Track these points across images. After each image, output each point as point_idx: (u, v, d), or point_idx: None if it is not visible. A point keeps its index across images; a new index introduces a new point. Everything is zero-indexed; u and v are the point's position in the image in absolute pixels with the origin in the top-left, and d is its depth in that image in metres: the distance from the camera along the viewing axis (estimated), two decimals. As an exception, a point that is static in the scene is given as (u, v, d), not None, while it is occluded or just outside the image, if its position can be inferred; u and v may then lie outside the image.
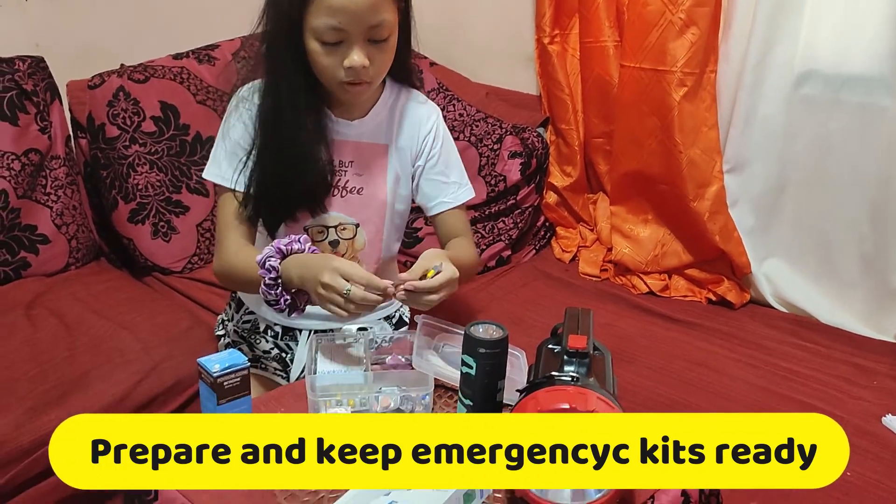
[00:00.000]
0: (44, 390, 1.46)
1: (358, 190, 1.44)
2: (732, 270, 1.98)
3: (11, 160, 1.83)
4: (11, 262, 1.83)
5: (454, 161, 1.50)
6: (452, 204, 1.48)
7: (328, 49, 1.25)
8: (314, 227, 1.44)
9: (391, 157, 1.45)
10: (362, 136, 1.43)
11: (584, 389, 0.97)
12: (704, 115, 1.88)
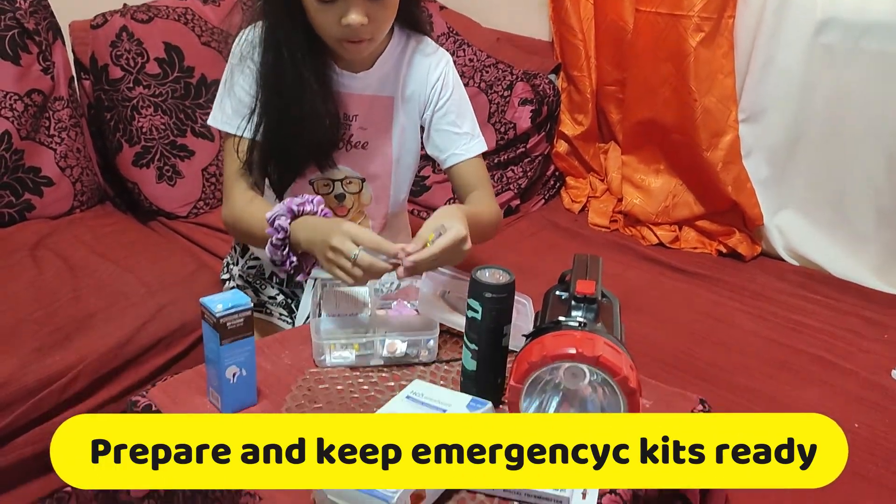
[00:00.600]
0: (48, 332, 1.45)
1: (363, 144, 1.40)
2: (744, 222, 1.95)
3: (14, 100, 1.80)
4: (16, 204, 1.82)
5: (466, 111, 1.44)
6: (465, 156, 1.41)
7: (324, 5, 1.20)
8: (320, 180, 1.41)
9: (397, 109, 1.41)
10: (367, 89, 1.38)
11: (592, 334, 0.96)
12: (721, 61, 1.83)
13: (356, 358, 1.16)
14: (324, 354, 1.15)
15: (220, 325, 0.99)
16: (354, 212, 1.44)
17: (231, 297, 1.01)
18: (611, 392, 0.95)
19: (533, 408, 0.98)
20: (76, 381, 1.40)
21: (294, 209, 1.20)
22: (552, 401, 0.99)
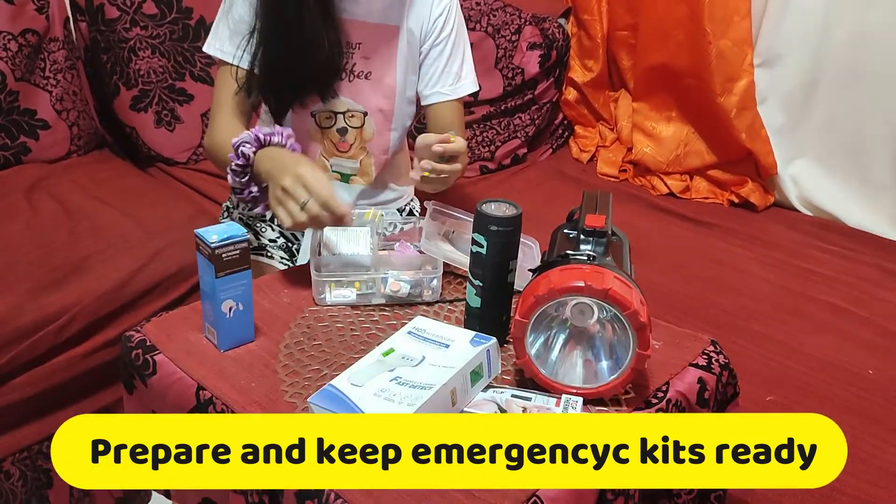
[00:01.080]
0: (44, 272, 1.43)
1: (366, 74, 1.36)
2: (757, 171, 1.90)
3: (8, 40, 1.76)
4: (11, 147, 1.78)
5: (463, 51, 1.40)
6: (450, 96, 1.38)
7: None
8: (322, 112, 1.38)
9: (402, 39, 1.36)
10: (371, 16, 1.34)
11: (601, 268, 0.92)
12: (737, 3, 1.77)
13: (357, 297, 1.12)
14: (324, 293, 1.12)
15: (216, 256, 0.96)
16: (356, 147, 1.40)
17: (227, 229, 0.98)
18: (620, 328, 0.91)
19: (538, 343, 0.94)
20: (72, 323, 1.38)
21: (261, 137, 1.17)
22: (558, 338, 0.96)
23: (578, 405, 0.91)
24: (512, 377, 1.00)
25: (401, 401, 0.84)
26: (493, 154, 2.02)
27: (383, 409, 0.83)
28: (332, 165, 1.43)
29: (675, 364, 1.03)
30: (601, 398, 0.94)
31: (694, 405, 1.00)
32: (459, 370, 0.89)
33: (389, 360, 0.92)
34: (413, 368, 0.90)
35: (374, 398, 0.85)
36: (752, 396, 1.22)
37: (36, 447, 1.40)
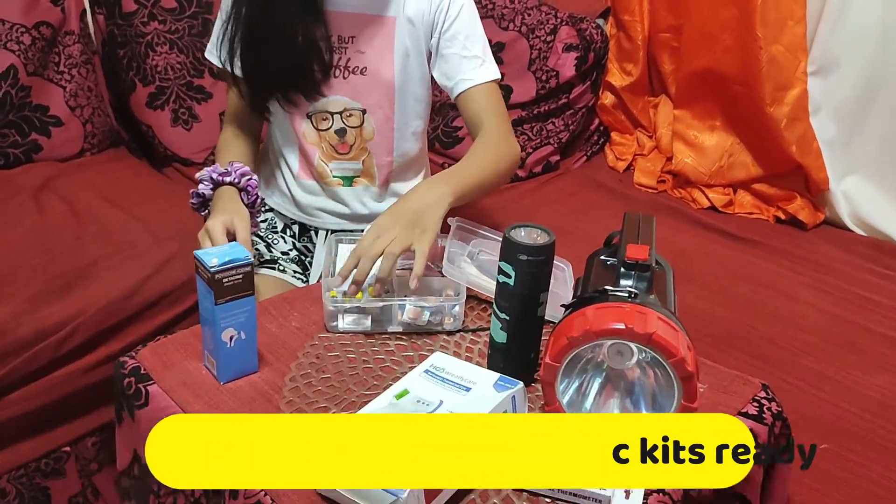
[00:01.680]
0: (46, 280, 1.37)
1: (361, 70, 1.28)
2: (807, 186, 1.79)
3: (21, 33, 1.70)
4: (21, 144, 1.72)
5: (476, 34, 1.30)
6: (475, 81, 1.26)
7: None
8: (317, 113, 1.31)
9: (399, 29, 1.27)
10: (364, 7, 1.25)
11: (644, 307, 0.81)
12: (791, 6, 1.66)
13: (372, 324, 1.03)
14: (335, 319, 1.03)
15: (216, 281, 0.87)
16: (357, 148, 1.33)
17: (229, 251, 0.89)
18: (664, 375, 0.82)
19: (571, 390, 0.85)
20: (74, 335, 1.32)
21: (215, 178, 1.20)
22: (594, 383, 0.86)
23: (614, 461, 0.81)
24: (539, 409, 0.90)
25: (414, 455, 0.75)
26: (523, 161, 1.92)
27: (394, 463, 0.74)
28: (333, 170, 1.35)
29: (723, 412, 0.93)
30: (640, 452, 0.84)
31: (743, 460, 0.90)
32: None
33: (403, 404, 0.83)
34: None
35: (385, 450, 0.76)
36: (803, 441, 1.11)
37: (34, 465, 1.35)
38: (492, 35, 1.95)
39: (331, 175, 1.36)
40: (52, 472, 1.37)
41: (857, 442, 1.12)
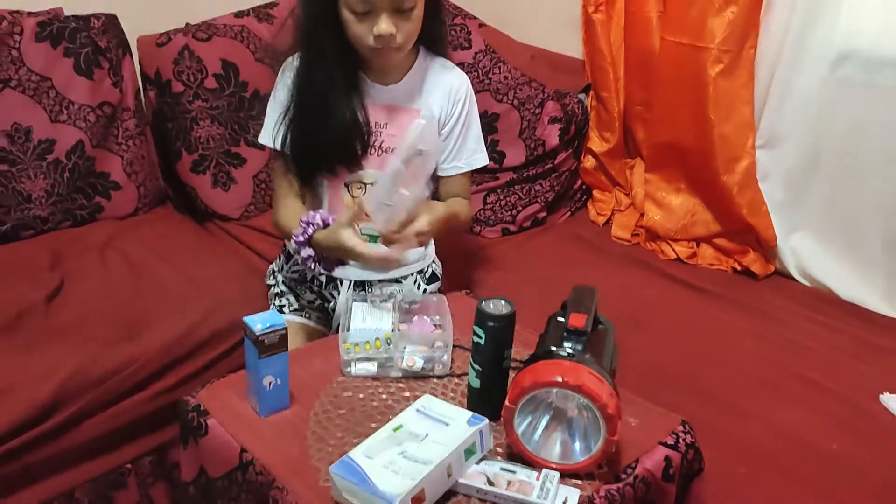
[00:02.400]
0: (114, 327, 1.61)
1: (392, 149, 1.57)
2: (758, 242, 2.04)
3: (87, 112, 1.99)
4: (87, 206, 2.01)
5: (475, 129, 1.63)
6: (465, 168, 1.62)
7: (359, 18, 1.40)
8: (353, 182, 1.59)
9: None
10: (396, 100, 1.56)
11: (578, 364, 1.09)
12: (740, 91, 1.92)
13: (378, 369, 1.31)
14: (349, 367, 1.31)
15: (259, 341, 1.16)
16: None
17: (269, 318, 1.18)
18: (593, 416, 1.09)
19: (525, 423, 1.12)
20: (137, 373, 1.56)
21: (302, 240, 1.46)
22: (543, 418, 1.13)
23: (556, 479, 1.09)
24: (504, 450, 1.17)
25: (405, 474, 1.02)
26: (514, 218, 2.20)
27: (390, 480, 1.01)
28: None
29: (646, 442, 1.19)
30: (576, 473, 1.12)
31: (659, 481, 1.17)
32: (455, 449, 1.07)
33: (398, 435, 1.10)
34: (418, 444, 1.09)
35: (384, 469, 1.03)
36: (725, 468, 1.37)
37: (102, 477, 1.58)
38: (488, 107, 2.25)
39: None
40: (116, 484, 1.60)
41: (768, 468, 1.37)
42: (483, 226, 2.20)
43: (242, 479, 1.14)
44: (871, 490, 1.34)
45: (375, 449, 1.07)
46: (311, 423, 1.20)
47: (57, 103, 1.96)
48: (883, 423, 1.50)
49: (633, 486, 1.13)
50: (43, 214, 1.93)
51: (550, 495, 1.06)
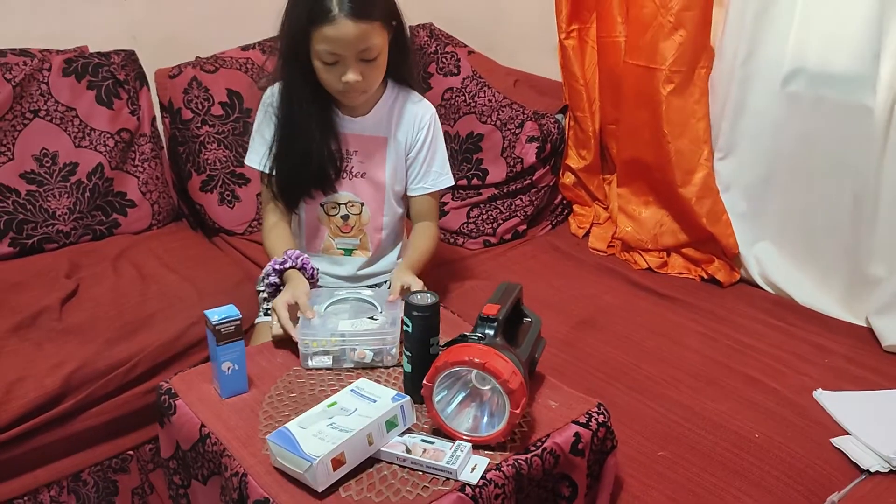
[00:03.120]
0: (118, 327, 1.81)
1: (362, 174, 1.74)
2: (722, 251, 2.14)
3: (107, 138, 2.22)
4: (105, 223, 2.23)
5: (440, 154, 1.78)
6: (430, 189, 1.77)
7: (328, 67, 1.57)
8: (328, 203, 1.76)
9: (390, 147, 1.74)
10: (365, 130, 1.73)
11: (487, 347, 1.23)
12: (693, 107, 2.04)
13: (333, 362, 1.47)
14: (307, 360, 1.47)
15: (217, 330, 1.33)
16: (356, 229, 1.79)
17: (226, 310, 1.35)
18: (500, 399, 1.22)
19: (440, 396, 1.25)
20: (136, 368, 1.74)
21: (277, 269, 1.60)
22: (458, 395, 1.27)
23: (467, 449, 1.23)
24: (430, 426, 1.32)
25: (329, 440, 1.18)
26: (495, 230, 2.35)
27: (316, 445, 1.17)
28: (338, 244, 1.81)
29: (560, 420, 1.32)
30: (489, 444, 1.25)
31: (568, 454, 1.29)
32: (375, 419, 1.22)
33: (331, 410, 1.26)
34: (346, 417, 1.24)
35: (312, 437, 1.19)
36: (647, 450, 1.49)
37: (107, 462, 1.77)
38: (473, 127, 2.42)
39: (335, 248, 1.83)
40: (119, 469, 1.78)
41: (688, 451, 1.47)
42: (466, 238, 2.36)
43: (202, 450, 1.31)
44: (786, 474, 1.43)
45: (309, 421, 1.23)
46: (264, 405, 1.36)
47: (80, 130, 2.20)
48: (812, 416, 1.59)
49: (540, 458, 1.26)
50: (65, 229, 2.16)
51: (460, 461, 1.20)
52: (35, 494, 1.69)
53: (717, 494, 1.38)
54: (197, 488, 1.38)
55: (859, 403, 1.61)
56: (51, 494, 1.71)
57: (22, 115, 2.13)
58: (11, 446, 1.61)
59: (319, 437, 1.19)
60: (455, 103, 2.46)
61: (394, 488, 1.18)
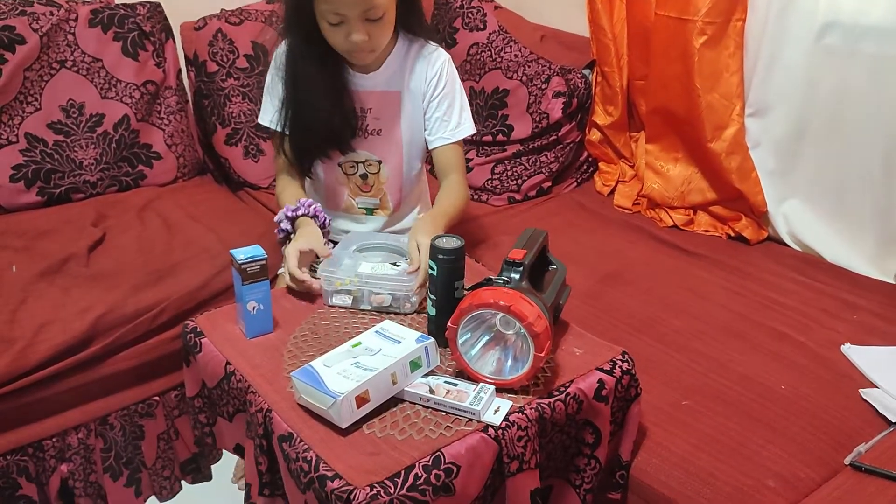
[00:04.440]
0: (145, 274, 1.83)
1: (378, 131, 1.72)
2: (750, 209, 2.11)
3: (132, 90, 2.23)
4: (132, 174, 2.25)
5: (458, 102, 1.73)
6: (450, 140, 1.72)
7: (333, 28, 1.54)
8: (346, 162, 1.75)
9: (405, 101, 1.72)
10: (377, 86, 1.70)
11: (512, 290, 1.22)
12: (727, 61, 2.00)
13: (352, 303, 1.47)
14: (329, 297, 1.48)
15: (242, 269, 1.34)
16: (376, 188, 1.77)
17: (251, 250, 1.36)
18: (525, 343, 1.22)
19: (464, 338, 1.25)
20: (163, 314, 1.77)
21: (290, 216, 1.59)
22: (483, 338, 1.27)
23: (490, 391, 1.23)
24: (454, 369, 1.32)
25: (354, 378, 1.18)
26: (519, 187, 2.34)
27: (340, 382, 1.17)
28: (359, 203, 1.80)
29: (584, 367, 1.32)
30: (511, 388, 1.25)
31: (592, 400, 1.29)
32: (399, 359, 1.22)
33: (356, 350, 1.26)
34: (371, 357, 1.24)
35: (337, 375, 1.19)
36: (671, 400, 1.48)
37: (133, 407, 1.80)
38: (499, 83, 2.39)
39: (356, 207, 1.82)
40: (146, 414, 1.81)
41: (712, 401, 1.46)
42: (490, 194, 2.34)
43: (228, 387, 1.33)
44: (812, 425, 1.42)
45: (333, 359, 1.24)
46: (289, 344, 1.37)
47: (106, 82, 2.20)
48: (840, 370, 1.57)
49: (563, 402, 1.26)
50: (92, 179, 2.18)
51: (483, 403, 1.20)
52: (63, 436, 1.72)
53: (741, 443, 1.37)
54: (223, 425, 1.39)
55: (888, 357, 1.59)
56: (78, 437, 1.74)
57: (49, 66, 2.14)
58: (40, 388, 1.64)
59: (344, 375, 1.19)
60: (481, 58, 2.43)
61: (416, 427, 1.18)
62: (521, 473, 1.20)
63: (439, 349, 1.30)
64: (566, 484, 1.36)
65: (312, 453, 1.12)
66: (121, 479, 1.81)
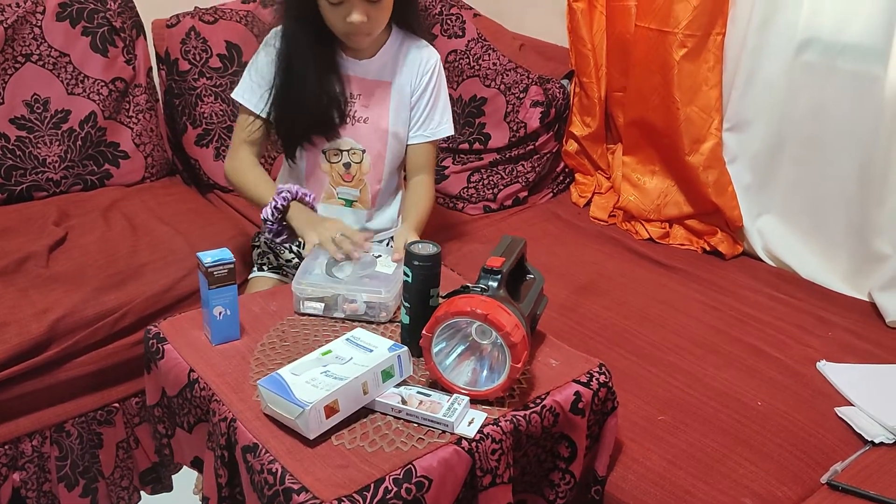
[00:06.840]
0: (107, 276, 1.77)
1: (364, 119, 1.70)
2: (726, 223, 2.10)
3: (100, 86, 2.17)
4: (97, 173, 2.18)
5: (441, 102, 1.75)
6: (429, 138, 1.74)
7: (333, 7, 1.53)
8: (330, 149, 1.72)
9: (393, 92, 1.71)
10: (368, 74, 1.69)
11: (489, 298, 1.19)
12: (706, 74, 2.00)
13: (325, 310, 1.43)
14: (299, 304, 1.43)
15: (209, 273, 1.29)
16: (357, 178, 1.74)
17: (219, 253, 1.31)
18: (501, 353, 1.18)
19: (438, 348, 1.22)
20: (125, 318, 1.71)
21: (280, 207, 1.57)
22: (458, 347, 1.24)
23: (464, 402, 1.19)
24: (427, 379, 1.28)
25: (322, 387, 1.14)
26: (495, 196, 2.31)
27: (308, 391, 1.13)
28: (339, 193, 1.77)
29: (561, 379, 1.29)
30: (487, 399, 1.22)
31: (568, 412, 1.26)
32: (371, 368, 1.18)
33: (325, 358, 1.22)
34: (341, 365, 1.20)
35: (305, 384, 1.15)
36: (647, 415, 1.46)
37: (92, 414, 1.73)
38: (477, 91, 2.37)
39: (336, 197, 1.78)
40: (105, 421, 1.75)
41: (689, 416, 1.44)
42: (466, 203, 2.31)
43: (190, 396, 1.27)
44: (789, 442, 1.40)
45: (302, 368, 1.19)
46: (256, 352, 1.32)
47: (73, 77, 2.14)
48: (816, 387, 1.56)
49: (540, 415, 1.22)
50: (55, 177, 2.11)
51: (457, 415, 1.16)
52: (16, 443, 1.65)
53: (717, 460, 1.35)
54: (182, 437, 1.34)
55: (863, 376, 1.58)
56: (33, 444, 1.67)
57: (13, 59, 2.07)
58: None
59: (312, 384, 1.15)
60: (459, 66, 2.40)
61: (388, 439, 1.14)
62: (493, 487, 1.17)
63: (413, 358, 1.26)
64: (540, 499, 1.32)
65: (278, 465, 1.07)
66: (76, 488, 1.75)
